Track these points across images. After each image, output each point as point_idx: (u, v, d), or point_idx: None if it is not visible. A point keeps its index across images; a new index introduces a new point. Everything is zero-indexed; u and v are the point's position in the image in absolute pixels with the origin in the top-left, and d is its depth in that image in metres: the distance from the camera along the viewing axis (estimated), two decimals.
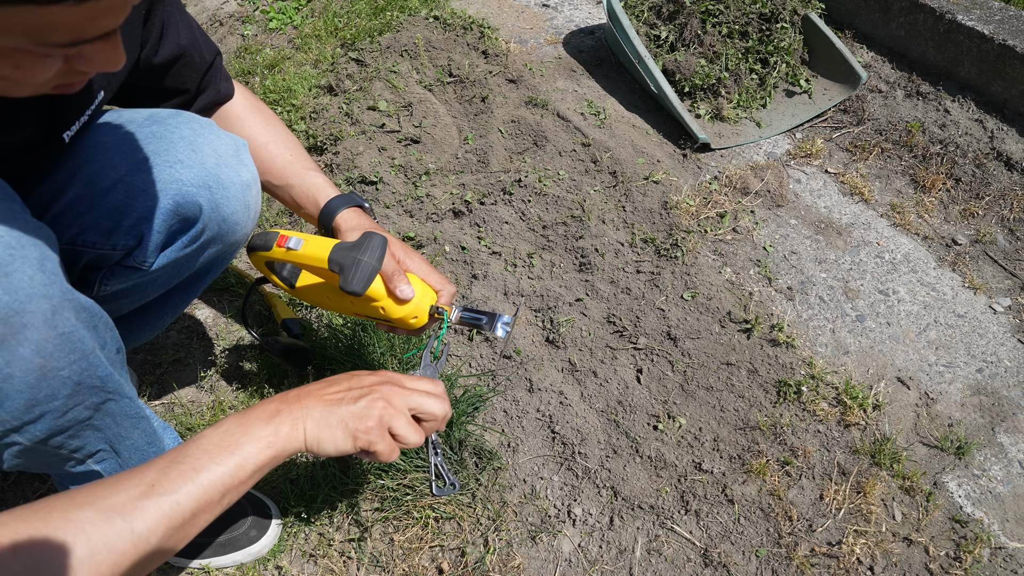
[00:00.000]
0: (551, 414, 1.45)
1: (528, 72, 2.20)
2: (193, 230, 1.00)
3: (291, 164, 1.14)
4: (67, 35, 0.56)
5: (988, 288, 1.75)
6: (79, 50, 0.59)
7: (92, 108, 0.92)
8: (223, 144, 1.01)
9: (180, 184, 0.95)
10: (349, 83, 2.10)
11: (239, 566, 1.22)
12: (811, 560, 1.26)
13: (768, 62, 2.20)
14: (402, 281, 0.99)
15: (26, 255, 0.71)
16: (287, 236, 1.00)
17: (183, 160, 0.95)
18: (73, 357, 0.78)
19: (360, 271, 0.93)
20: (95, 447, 0.92)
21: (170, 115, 1.00)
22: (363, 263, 0.93)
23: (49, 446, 0.83)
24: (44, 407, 0.78)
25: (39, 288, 0.72)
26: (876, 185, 2.01)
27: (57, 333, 0.75)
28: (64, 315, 0.75)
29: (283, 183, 1.14)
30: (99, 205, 0.93)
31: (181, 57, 1.03)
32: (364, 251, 0.94)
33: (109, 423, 0.91)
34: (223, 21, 2.53)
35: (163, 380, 1.49)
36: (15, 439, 0.78)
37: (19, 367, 0.72)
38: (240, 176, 1.02)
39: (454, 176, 1.92)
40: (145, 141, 0.95)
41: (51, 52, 0.58)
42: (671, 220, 1.80)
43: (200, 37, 1.07)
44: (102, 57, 0.62)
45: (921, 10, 2.20)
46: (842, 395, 1.48)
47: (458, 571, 1.22)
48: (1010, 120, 2.06)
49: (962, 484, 1.39)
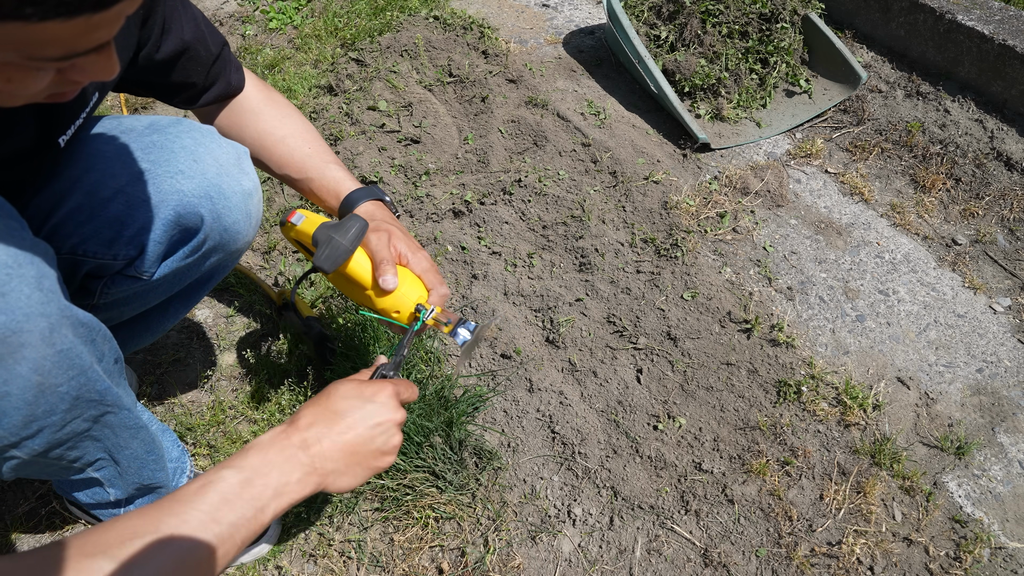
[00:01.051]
0: (551, 414, 1.45)
1: (528, 72, 2.20)
2: (195, 240, 0.99)
3: (310, 157, 1.13)
4: (59, 49, 0.54)
5: (988, 288, 1.75)
6: (72, 62, 0.58)
7: (86, 111, 0.92)
8: (224, 153, 1.00)
9: (181, 195, 0.94)
10: (349, 83, 2.10)
11: (239, 566, 1.22)
12: (811, 560, 1.26)
13: (768, 62, 2.20)
14: (388, 272, 0.99)
15: (23, 274, 0.71)
16: (295, 212, 1.04)
17: (184, 170, 0.95)
18: (71, 373, 0.78)
19: (331, 249, 0.95)
20: (94, 456, 0.92)
21: (171, 123, 0.99)
22: (335, 242, 0.95)
23: (48, 458, 0.84)
24: (42, 423, 0.78)
25: (36, 307, 0.71)
26: (876, 185, 2.01)
27: (55, 351, 0.74)
28: (62, 332, 0.75)
29: (303, 176, 1.13)
30: (100, 215, 0.92)
31: (185, 52, 1.02)
32: (341, 231, 0.96)
33: (108, 434, 0.91)
34: (223, 21, 2.53)
35: (163, 380, 1.49)
36: (13, 454, 0.78)
37: (16, 385, 0.72)
38: (242, 185, 1.01)
39: (454, 176, 1.92)
40: (146, 151, 0.95)
41: (43, 66, 0.57)
42: (671, 220, 1.80)
43: (206, 29, 1.06)
44: (95, 68, 0.60)
45: (921, 10, 2.20)
46: (842, 395, 1.48)
47: (458, 571, 1.22)
48: (1010, 120, 2.06)
49: (962, 484, 1.39)
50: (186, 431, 1.39)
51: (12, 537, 1.25)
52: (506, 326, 1.58)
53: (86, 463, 0.92)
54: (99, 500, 1.04)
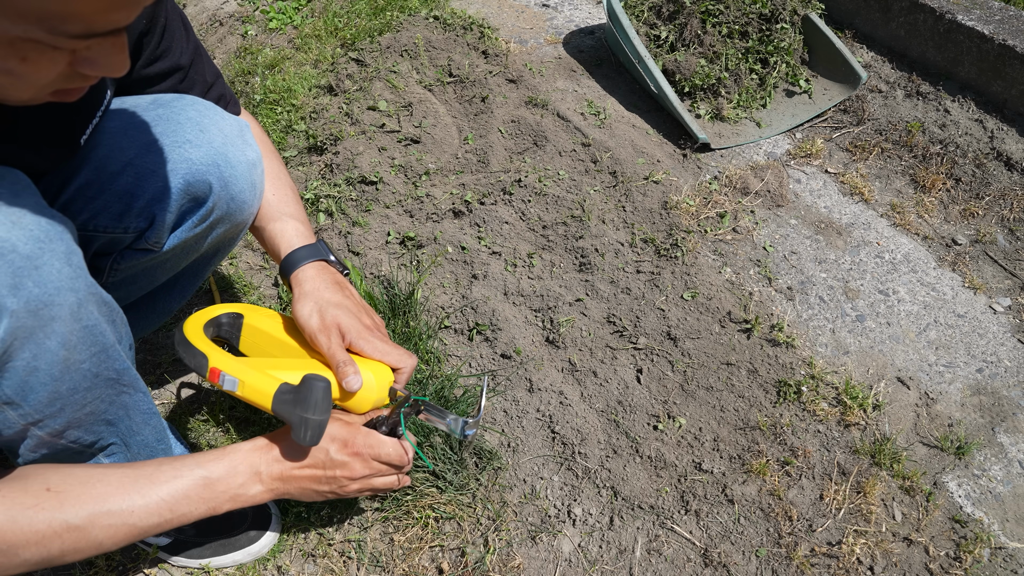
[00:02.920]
0: (551, 414, 1.45)
1: (528, 72, 2.20)
2: (203, 209, 1.00)
3: (268, 205, 1.11)
4: (80, 25, 0.56)
5: (988, 288, 1.75)
6: (87, 45, 0.59)
7: (101, 110, 0.93)
8: (228, 125, 1.01)
9: (190, 163, 0.95)
10: (349, 83, 2.10)
11: (239, 566, 1.22)
12: (811, 560, 1.26)
13: (768, 62, 2.20)
14: (350, 373, 0.98)
15: (54, 248, 0.72)
16: (219, 372, 0.95)
17: (191, 140, 0.96)
18: (94, 350, 0.79)
19: (311, 429, 0.90)
20: (108, 441, 0.93)
21: (174, 98, 1.00)
22: (311, 421, 0.90)
23: (64, 439, 0.85)
24: (65, 400, 0.79)
25: (66, 281, 0.73)
26: (876, 185, 2.01)
27: (81, 326, 0.76)
28: (88, 308, 0.77)
29: (259, 225, 1.11)
30: (109, 189, 0.93)
31: (175, 73, 1.04)
32: (308, 407, 0.90)
33: (123, 416, 0.92)
34: (223, 21, 2.53)
35: (163, 380, 1.49)
36: (34, 432, 0.80)
37: (45, 360, 0.73)
38: (246, 155, 1.02)
39: (454, 176, 1.92)
40: (152, 124, 0.96)
41: (62, 43, 0.58)
42: (671, 220, 1.80)
43: (205, 57, 1.09)
44: (107, 59, 0.62)
45: (921, 10, 2.20)
46: (842, 395, 1.48)
47: (458, 571, 1.22)
48: (1010, 120, 2.06)
49: (962, 484, 1.39)
50: (186, 431, 1.39)
51: None
52: (506, 326, 1.58)
53: (99, 448, 0.93)
54: None
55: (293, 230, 1.09)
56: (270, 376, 0.94)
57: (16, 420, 0.77)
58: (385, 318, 1.54)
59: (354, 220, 1.80)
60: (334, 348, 0.99)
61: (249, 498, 0.89)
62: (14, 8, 0.53)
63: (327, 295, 1.03)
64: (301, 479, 0.93)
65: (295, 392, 0.91)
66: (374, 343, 1.03)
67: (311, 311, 1.01)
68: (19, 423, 0.77)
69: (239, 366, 0.95)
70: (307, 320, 1.01)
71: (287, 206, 1.12)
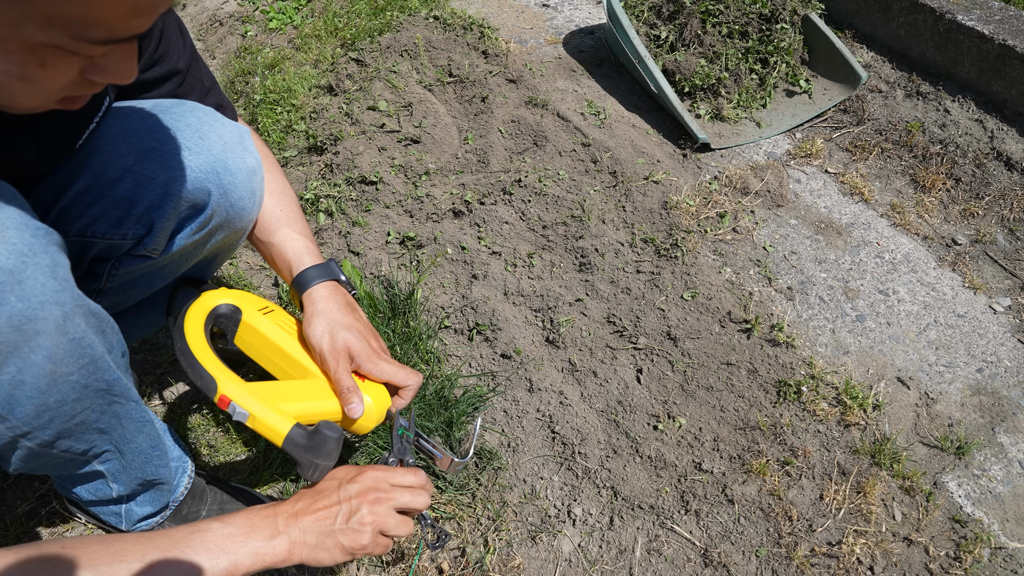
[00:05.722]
0: (551, 414, 1.45)
1: (528, 72, 2.20)
2: (202, 215, 1.00)
3: (276, 219, 1.11)
4: (103, 31, 0.56)
5: (988, 288, 1.75)
6: (104, 52, 0.59)
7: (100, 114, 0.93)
8: (228, 131, 1.01)
9: (189, 170, 0.95)
10: (349, 83, 2.10)
11: None
12: (811, 560, 1.26)
13: (768, 62, 2.20)
14: (353, 399, 1.01)
15: (38, 262, 0.71)
16: (228, 400, 0.96)
17: (191, 147, 0.96)
18: (82, 362, 0.79)
19: (318, 472, 0.95)
20: (101, 448, 0.93)
21: (174, 104, 1.00)
22: (320, 467, 0.95)
23: (55, 448, 0.84)
24: (53, 412, 0.79)
25: (51, 295, 0.72)
26: (876, 185, 2.01)
27: (68, 339, 0.75)
28: (75, 321, 0.76)
29: (266, 239, 1.11)
30: (108, 195, 0.93)
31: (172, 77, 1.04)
32: (321, 454, 0.95)
33: (115, 425, 0.92)
34: (223, 21, 2.53)
35: (163, 380, 1.49)
36: (23, 444, 0.79)
37: (31, 374, 0.73)
38: (246, 162, 1.02)
39: (454, 176, 1.92)
40: (151, 130, 0.95)
41: (82, 50, 0.58)
42: (671, 220, 1.80)
43: (202, 65, 1.08)
44: (117, 67, 0.62)
45: (921, 10, 2.20)
46: (842, 395, 1.48)
47: (458, 571, 1.22)
48: (1010, 120, 2.06)
49: (962, 484, 1.39)
50: (186, 431, 1.39)
51: (12, 537, 1.25)
52: (506, 326, 1.58)
53: (93, 455, 0.92)
54: (101, 496, 1.04)
55: (303, 247, 1.10)
56: (281, 413, 0.96)
57: (4, 432, 0.76)
58: (385, 318, 1.54)
59: (354, 220, 1.80)
60: (340, 372, 1.02)
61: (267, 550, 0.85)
62: (41, 14, 0.53)
63: (339, 317, 1.05)
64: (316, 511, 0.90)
65: (308, 438, 0.95)
66: (381, 365, 1.05)
67: (323, 332, 1.03)
68: (7, 435, 0.77)
69: (249, 397, 0.96)
70: (318, 340, 1.03)
71: (293, 221, 1.13)
